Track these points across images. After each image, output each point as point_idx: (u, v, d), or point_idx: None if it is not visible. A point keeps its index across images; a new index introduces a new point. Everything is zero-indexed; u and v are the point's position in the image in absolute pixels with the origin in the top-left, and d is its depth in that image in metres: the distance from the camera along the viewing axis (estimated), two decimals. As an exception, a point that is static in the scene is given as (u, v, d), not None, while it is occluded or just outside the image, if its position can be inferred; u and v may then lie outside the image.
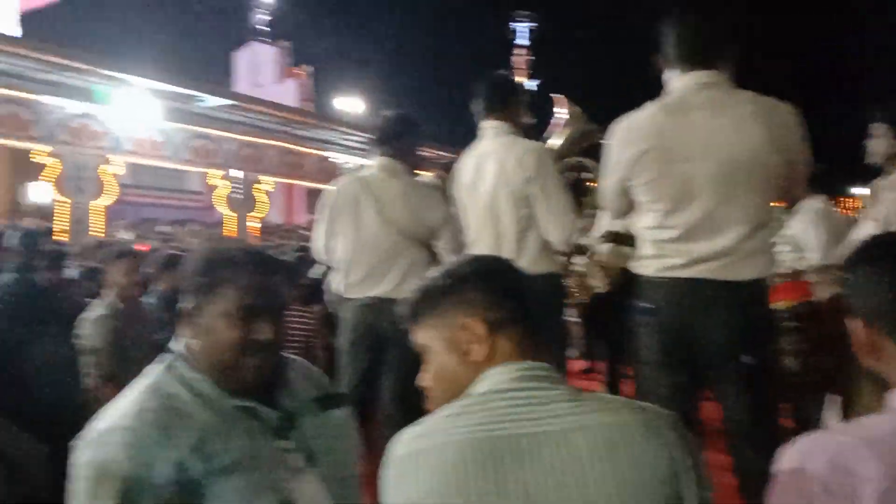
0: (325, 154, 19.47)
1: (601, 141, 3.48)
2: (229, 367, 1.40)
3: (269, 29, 29.23)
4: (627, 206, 2.36)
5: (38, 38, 12.67)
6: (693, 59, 2.17)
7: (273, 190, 18.11)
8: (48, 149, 12.66)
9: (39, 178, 13.07)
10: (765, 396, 2.20)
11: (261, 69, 27.87)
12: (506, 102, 3.12)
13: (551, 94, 3.41)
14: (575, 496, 1.05)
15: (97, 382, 3.70)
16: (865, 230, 2.82)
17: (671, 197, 2.17)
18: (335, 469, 1.52)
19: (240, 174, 16.61)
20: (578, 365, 6.75)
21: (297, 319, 4.56)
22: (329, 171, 19.23)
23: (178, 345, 1.46)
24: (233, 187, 16.45)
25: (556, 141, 3.38)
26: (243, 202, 16.73)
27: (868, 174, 3.14)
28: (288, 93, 26.04)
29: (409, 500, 1.09)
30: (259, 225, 16.89)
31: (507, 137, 3.03)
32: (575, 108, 3.38)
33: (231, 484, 1.33)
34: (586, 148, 3.44)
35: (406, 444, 1.14)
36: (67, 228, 12.52)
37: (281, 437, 1.44)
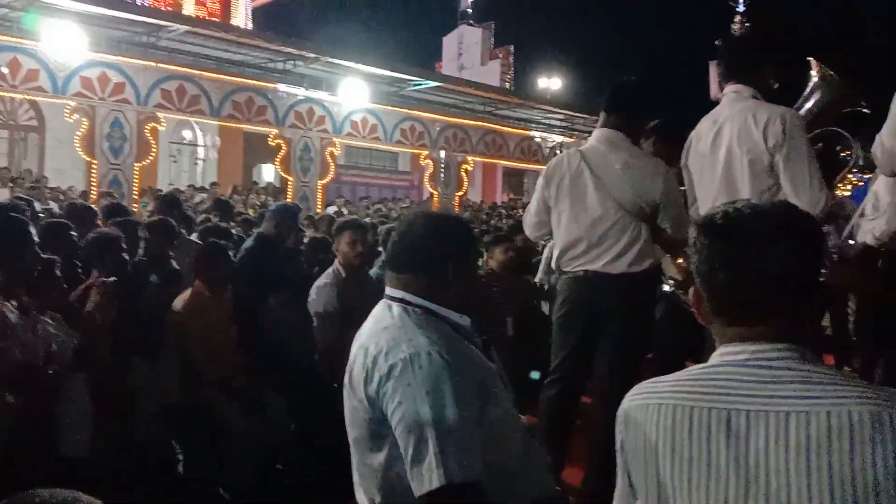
0: (527, 133, 19.52)
1: (859, 108, 3.11)
2: (476, 300, 1.80)
3: (471, 11, 29.68)
4: None
5: (268, 31, 13.94)
6: None
7: (471, 169, 18.50)
8: (277, 131, 13.91)
9: (270, 158, 14.42)
10: None
11: (466, 52, 28.47)
12: (749, 65, 2.87)
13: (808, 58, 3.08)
14: (787, 483, 1.03)
15: (323, 343, 3.99)
16: None
17: None
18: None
19: (446, 154, 17.16)
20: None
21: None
22: (530, 151, 19.28)
23: (403, 293, 1.72)
24: (438, 167, 17.04)
25: (806, 107, 3.06)
26: (448, 181, 17.28)
27: None
28: (491, 74, 26.37)
29: (634, 448, 1.18)
30: (457, 203, 17.33)
31: (749, 102, 2.79)
32: (828, 71, 3.03)
33: (500, 394, 1.66)
34: (841, 116, 3.08)
35: (633, 398, 1.22)
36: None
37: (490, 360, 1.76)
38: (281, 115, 13.94)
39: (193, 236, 5.39)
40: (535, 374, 4.18)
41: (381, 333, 1.64)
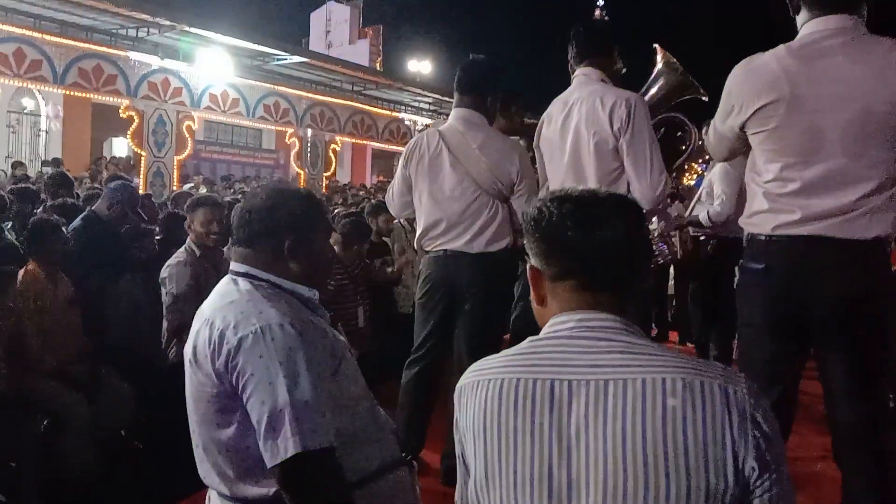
0: (396, 115, 19.46)
1: (698, 96, 3.30)
2: (323, 276, 1.85)
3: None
4: (738, 152, 2.24)
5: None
6: (828, 3, 2.02)
7: (340, 149, 18.20)
8: (129, 103, 13.02)
9: (122, 131, 13.46)
10: (875, 368, 2.05)
11: (335, 29, 27.93)
12: (599, 49, 2.94)
13: (654, 44, 3.22)
14: (605, 450, 1.05)
15: (175, 324, 3.79)
16: None
17: (796, 148, 2.02)
18: None
19: (313, 133, 16.77)
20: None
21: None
22: (399, 132, 19.24)
23: (247, 268, 1.71)
24: (305, 146, 16.65)
25: (650, 92, 3.20)
26: (315, 161, 16.92)
27: None
28: (360, 53, 26.06)
29: (466, 426, 1.19)
30: (326, 183, 17.00)
31: (597, 85, 2.86)
32: (672, 58, 3.18)
33: (349, 364, 1.72)
34: (681, 103, 3.26)
35: (466, 376, 1.23)
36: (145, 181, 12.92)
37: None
38: (133, 86, 13.03)
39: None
40: None
41: (229, 307, 1.62)
